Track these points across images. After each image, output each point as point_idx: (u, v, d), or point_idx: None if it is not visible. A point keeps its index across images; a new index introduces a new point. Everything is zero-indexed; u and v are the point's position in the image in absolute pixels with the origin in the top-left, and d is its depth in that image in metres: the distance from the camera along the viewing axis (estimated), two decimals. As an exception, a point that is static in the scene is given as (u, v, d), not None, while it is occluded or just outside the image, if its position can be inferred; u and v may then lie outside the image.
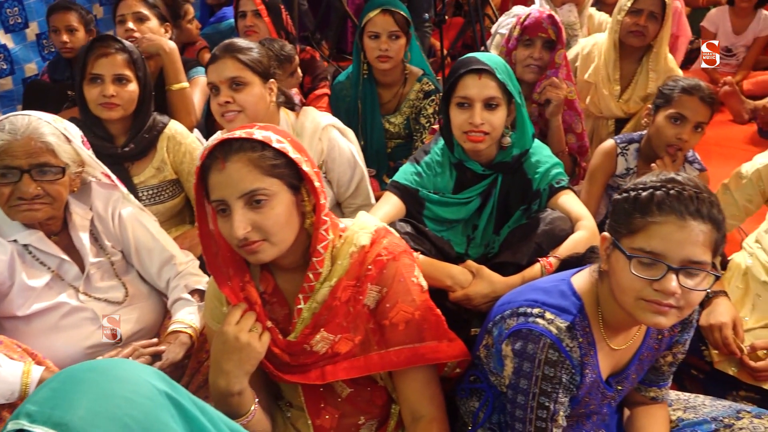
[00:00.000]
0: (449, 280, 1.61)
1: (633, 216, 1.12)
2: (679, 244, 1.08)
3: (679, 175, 1.13)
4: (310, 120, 2.01)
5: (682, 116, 1.98)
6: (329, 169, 2.05)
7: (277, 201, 1.21)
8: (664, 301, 1.09)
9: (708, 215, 1.08)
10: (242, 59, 1.85)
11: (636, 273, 1.10)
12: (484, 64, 1.67)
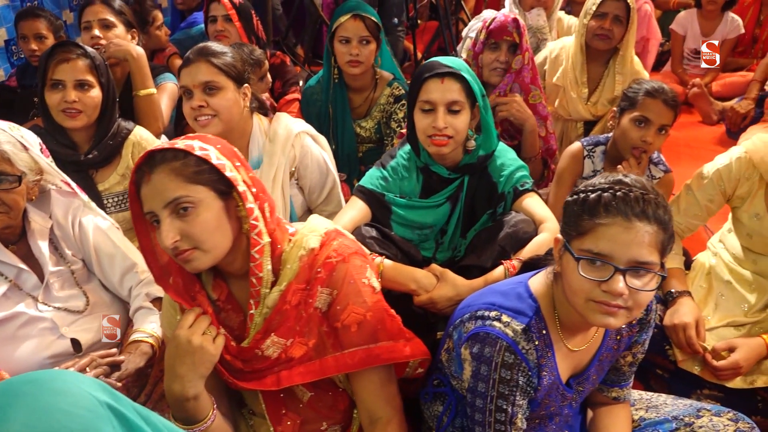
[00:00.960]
0: (413, 284, 1.61)
1: (581, 218, 1.13)
2: (626, 245, 1.09)
3: (628, 177, 1.15)
4: (283, 126, 2.01)
5: (646, 119, 2.01)
6: (301, 175, 2.05)
7: (204, 208, 1.21)
8: (612, 302, 1.11)
9: (654, 216, 1.10)
10: (216, 63, 1.85)
11: (584, 274, 1.11)
12: (447, 68, 1.68)
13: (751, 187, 1.84)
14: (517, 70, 2.30)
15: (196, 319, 1.26)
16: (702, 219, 1.96)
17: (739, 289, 1.88)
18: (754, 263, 1.88)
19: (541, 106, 2.35)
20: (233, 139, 1.91)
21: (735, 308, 1.87)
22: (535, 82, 2.33)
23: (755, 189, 1.83)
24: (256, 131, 1.97)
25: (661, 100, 1.99)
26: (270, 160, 1.95)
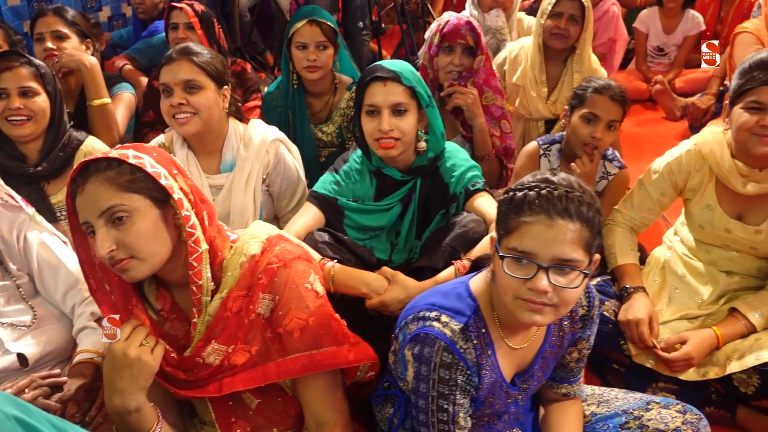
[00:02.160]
0: (365, 288, 1.61)
1: (509, 216, 1.15)
2: (548, 243, 1.11)
3: (555, 176, 1.16)
4: (259, 132, 2.01)
5: (595, 115, 2.04)
6: (272, 182, 2.05)
7: (139, 216, 1.21)
8: (536, 299, 1.12)
9: (577, 214, 1.11)
10: (198, 62, 1.85)
11: (509, 272, 1.13)
12: (389, 71, 1.69)
13: (701, 179, 1.87)
14: (477, 70, 2.32)
15: (133, 331, 1.25)
16: (656, 213, 1.99)
17: (692, 282, 1.91)
18: (707, 254, 1.91)
19: (494, 107, 2.36)
20: (209, 140, 1.95)
21: (689, 301, 1.89)
22: (489, 84, 2.35)
23: (706, 181, 1.86)
24: (232, 135, 1.98)
25: (608, 96, 2.02)
26: (243, 165, 1.96)
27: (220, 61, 1.94)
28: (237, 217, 1.96)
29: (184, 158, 1.94)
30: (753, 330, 1.73)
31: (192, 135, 1.90)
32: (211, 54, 1.92)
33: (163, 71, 1.87)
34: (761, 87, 1.63)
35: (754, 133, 1.66)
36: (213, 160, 1.98)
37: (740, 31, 3.37)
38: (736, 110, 1.70)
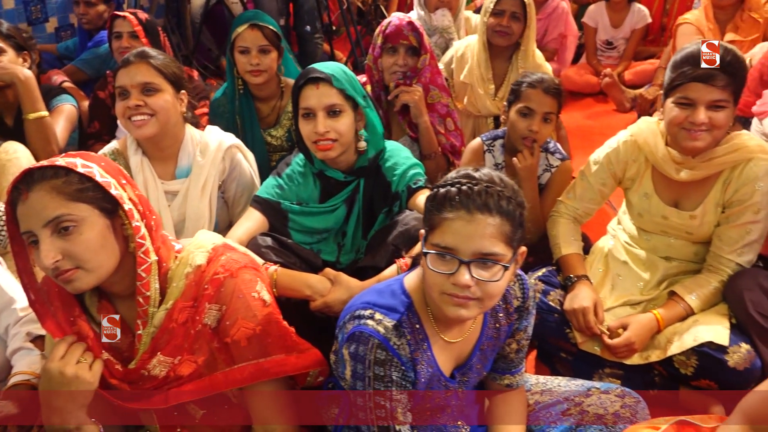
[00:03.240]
0: (308, 290, 1.62)
1: (432, 213, 1.17)
2: (468, 238, 1.13)
3: (478, 171, 1.18)
4: (215, 139, 2.00)
5: (530, 109, 2.08)
6: (227, 188, 2.05)
7: (87, 226, 1.20)
8: (460, 293, 1.14)
9: (496, 208, 1.13)
10: (156, 65, 1.84)
11: (433, 268, 1.14)
12: (321, 72, 1.70)
13: (638, 168, 1.92)
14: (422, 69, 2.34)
15: (69, 348, 1.23)
16: (597, 203, 2.03)
17: (635, 269, 1.95)
18: (647, 242, 1.96)
19: (440, 105, 2.39)
20: (165, 145, 1.94)
21: (631, 287, 1.93)
22: (435, 82, 2.38)
23: (642, 170, 1.91)
24: (188, 141, 1.97)
25: (541, 89, 2.07)
26: (200, 171, 1.95)
27: (177, 65, 1.94)
28: (192, 223, 1.95)
29: (139, 164, 1.92)
30: (691, 312, 1.78)
31: (148, 138, 1.88)
32: (168, 58, 1.92)
33: (119, 74, 1.86)
34: (690, 83, 1.67)
35: (683, 128, 1.70)
36: (168, 166, 1.97)
37: (681, 22, 3.47)
38: (668, 103, 1.75)
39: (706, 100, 1.65)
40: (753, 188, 1.72)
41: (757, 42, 3.24)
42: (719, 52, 1.64)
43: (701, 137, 1.68)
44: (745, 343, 1.65)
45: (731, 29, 3.36)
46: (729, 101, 1.66)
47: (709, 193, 1.78)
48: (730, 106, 1.67)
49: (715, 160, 1.74)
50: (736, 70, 1.65)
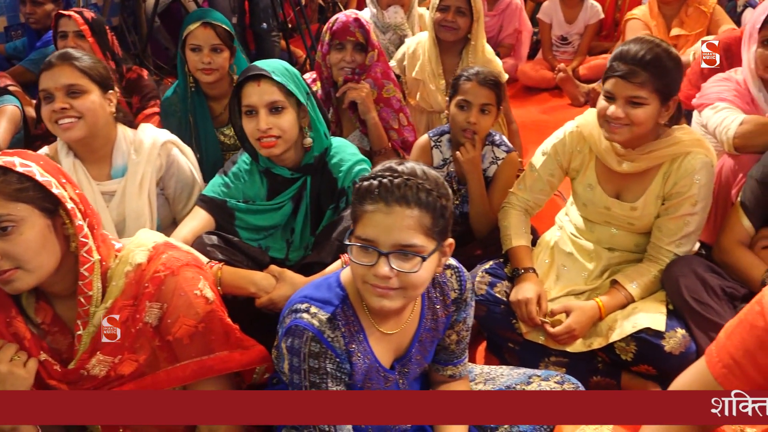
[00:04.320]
0: (253, 287, 1.63)
1: (355, 206, 1.19)
2: (387, 230, 1.15)
3: (401, 165, 1.20)
4: (149, 136, 1.99)
5: (467, 101, 2.12)
6: (166, 185, 2.03)
7: (27, 226, 1.19)
8: (381, 284, 1.16)
9: (415, 200, 1.15)
10: (80, 66, 1.81)
11: (356, 260, 1.17)
12: (261, 69, 1.70)
13: (583, 159, 1.96)
14: (370, 65, 2.36)
15: (1, 347, 1.23)
16: (547, 193, 2.06)
17: (580, 260, 2.00)
18: (591, 233, 2.01)
19: (394, 100, 2.41)
20: (97, 146, 1.91)
21: (576, 277, 1.98)
22: (388, 77, 2.40)
23: (587, 161, 1.96)
24: (121, 140, 1.95)
25: (476, 81, 2.11)
26: (135, 170, 1.93)
27: (103, 65, 1.91)
28: (132, 222, 1.94)
29: (71, 167, 1.90)
30: (632, 300, 1.83)
31: (77, 141, 1.86)
32: (93, 58, 1.89)
33: (42, 77, 1.83)
34: (612, 78, 1.73)
35: (606, 120, 1.76)
36: (103, 167, 1.95)
37: (630, 18, 3.56)
38: (600, 96, 1.80)
39: (624, 95, 1.70)
40: (691, 181, 1.77)
41: (702, 36, 3.33)
42: (642, 50, 1.69)
43: (619, 131, 1.74)
44: (680, 328, 1.71)
45: (677, 24, 3.46)
46: (648, 98, 1.70)
47: (649, 186, 1.84)
48: (651, 103, 1.71)
49: (654, 153, 1.80)
50: (658, 68, 1.69)
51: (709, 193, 1.81)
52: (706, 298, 1.71)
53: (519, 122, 3.01)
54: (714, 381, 1.09)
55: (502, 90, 2.16)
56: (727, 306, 1.73)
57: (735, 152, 2.06)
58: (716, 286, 1.73)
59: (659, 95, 1.71)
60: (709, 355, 1.13)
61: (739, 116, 2.04)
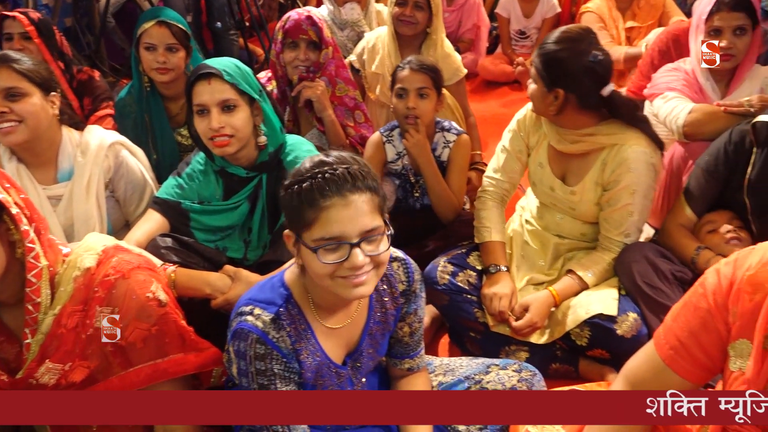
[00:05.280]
0: (208, 288, 1.62)
1: (303, 210, 1.16)
2: (351, 221, 1.15)
3: (329, 156, 1.20)
4: (96, 137, 1.95)
5: (403, 88, 2.14)
6: (116, 187, 2.00)
7: None
8: (357, 273, 1.17)
9: (364, 185, 1.17)
10: (19, 69, 1.77)
11: (327, 261, 1.15)
12: (211, 67, 1.68)
13: (538, 137, 2.00)
14: (324, 63, 2.36)
15: None
16: (519, 172, 2.08)
17: (533, 246, 2.05)
18: (541, 219, 2.06)
19: (347, 98, 2.41)
20: (41, 150, 1.87)
21: (533, 266, 2.02)
22: (341, 75, 2.39)
23: (541, 140, 2.00)
24: (67, 143, 1.91)
25: (409, 68, 2.14)
26: (82, 172, 1.90)
27: (45, 67, 1.87)
28: (81, 225, 1.91)
29: (15, 171, 1.85)
30: (586, 288, 1.86)
31: (19, 145, 1.82)
32: (33, 60, 1.84)
33: None
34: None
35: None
36: (48, 171, 1.91)
37: (584, 11, 3.62)
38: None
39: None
40: (626, 170, 1.81)
41: (654, 27, 3.41)
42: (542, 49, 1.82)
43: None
44: (632, 312, 1.75)
45: (630, 16, 3.53)
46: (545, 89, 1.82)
47: (589, 171, 1.88)
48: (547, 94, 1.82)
49: (591, 138, 1.84)
50: (550, 67, 1.78)
51: (647, 182, 1.83)
52: (657, 282, 1.76)
53: (479, 116, 3.04)
54: (662, 363, 1.12)
55: (439, 75, 2.18)
56: (677, 289, 1.78)
57: (685, 140, 2.12)
58: (666, 270, 1.78)
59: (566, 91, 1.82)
60: (657, 338, 1.16)
61: (688, 105, 2.10)
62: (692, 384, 1.11)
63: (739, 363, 1.04)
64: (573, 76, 1.77)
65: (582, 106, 1.81)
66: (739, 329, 1.03)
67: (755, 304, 1.01)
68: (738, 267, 1.05)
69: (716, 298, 1.06)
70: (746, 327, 1.02)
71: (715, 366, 1.09)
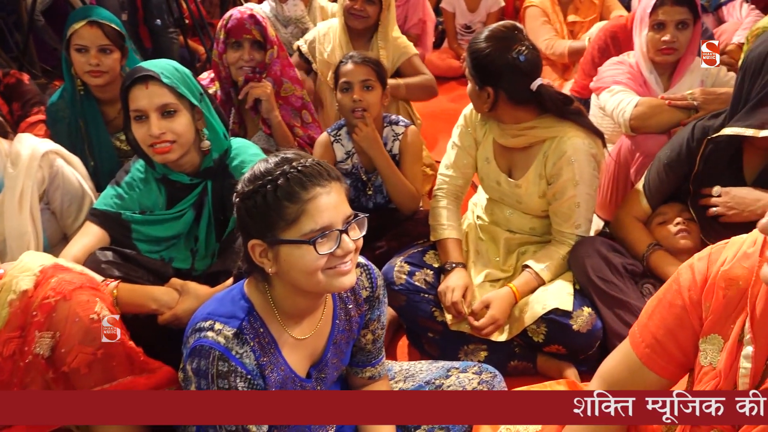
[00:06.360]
0: (154, 304, 1.54)
1: (282, 208, 1.13)
2: (336, 208, 1.15)
3: (287, 153, 1.18)
4: (27, 146, 1.83)
5: (348, 82, 2.11)
6: (51, 198, 1.88)
7: None
8: (345, 261, 1.17)
9: (334, 174, 1.18)
10: None
11: (324, 252, 1.14)
12: (148, 71, 1.60)
13: (485, 132, 2.00)
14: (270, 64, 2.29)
15: None
16: (472, 166, 2.07)
17: (486, 242, 2.05)
18: (491, 214, 2.06)
19: (293, 98, 2.35)
20: None
21: (488, 263, 2.01)
22: (287, 74, 2.33)
23: (488, 133, 1.99)
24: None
25: (351, 62, 2.11)
26: (13, 184, 1.78)
27: None
28: (15, 242, 1.78)
29: None
30: (542, 282, 1.87)
31: None
32: None
33: None
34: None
35: None
36: None
37: (528, 6, 3.65)
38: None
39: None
40: (566, 162, 1.82)
41: (596, 21, 3.47)
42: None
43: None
44: (587, 306, 1.77)
45: (572, 11, 3.58)
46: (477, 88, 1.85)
47: (532, 164, 1.89)
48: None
49: (532, 131, 1.85)
50: (479, 65, 1.80)
51: (589, 172, 1.84)
52: (609, 276, 1.78)
53: (427, 112, 3.03)
54: (639, 362, 1.12)
55: (382, 68, 2.15)
56: (629, 282, 1.81)
57: (632, 133, 2.16)
58: (618, 264, 1.80)
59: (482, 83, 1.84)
60: (632, 336, 1.16)
61: (634, 98, 2.13)
62: (668, 381, 1.12)
63: (710, 357, 1.04)
64: (500, 74, 1.78)
65: (514, 102, 1.82)
66: (711, 324, 1.04)
67: (728, 300, 1.02)
68: (712, 262, 1.06)
69: (691, 294, 1.06)
70: (718, 322, 1.03)
71: (690, 362, 1.10)
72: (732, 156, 1.80)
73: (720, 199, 1.77)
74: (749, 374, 0.99)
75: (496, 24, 1.86)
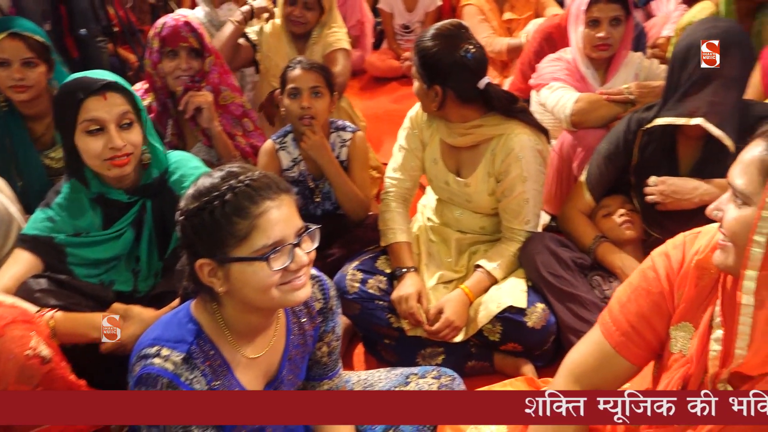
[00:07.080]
0: (95, 332, 1.45)
1: (232, 224, 1.08)
2: (287, 221, 1.11)
3: (232, 167, 1.14)
4: None
5: (296, 88, 2.07)
6: None
7: None
8: (299, 275, 1.14)
9: (283, 186, 1.14)
10: None
11: (277, 267, 1.10)
12: (104, 81, 1.53)
13: (432, 133, 1.99)
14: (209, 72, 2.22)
15: None
16: (419, 168, 2.05)
17: (437, 243, 2.04)
18: (441, 216, 2.06)
19: (233, 106, 2.28)
20: None
21: (441, 264, 2.01)
22: (226, 82, 2.26)
23: (434, 134, 1.98)
24: None
25: (299, 67, 2.07)
26: None
27: None
28: None
29: None
30: (495, 281, 1.88)
31: None
32: None
33: None
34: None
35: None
36: None
37: (465, 4, 3.68)
38: None
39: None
40: (514, 159, 1.83)
41: (531, 19, 3.53)
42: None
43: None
44: (540, 302, 1.79)
45: (508, 8, 3.64)
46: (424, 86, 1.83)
47: (480, 163, 1.90)
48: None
49: (479, 129, 1.86)
50: (426, 64, 1.80)
51: (537, 168, 1.86)
52: (560, 271, 1.81)
53: (371, 114, 3.01)
54: (612, 350, 1.13)
55: (330, 74, 2.13)
56: (579, 276, 1.84)
57: (573, 128, 2.20)
58: (567, 258, 1.83)
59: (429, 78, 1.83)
60: (604, 326, 1.16)
61: (574, 95, 2.18)
62: (638, 368, 1.13)
63: (680, 345, 1.07)
64: (448, 72, 1.78)
65: (461, 100, 1.82)
66: (682, 312, 1.06)
67: (700, 289, 1.04)
68: (687, 250, 1.08)
69: (670, 280, 1.08)
70: (690, 310, 1.05)
71: (660, 348, 1.12)
72: (668, 146, 1.86)
73: (656, 188, 1.83)
74: (719, 356, 1.02)
75: (443, 22, 1.85)
